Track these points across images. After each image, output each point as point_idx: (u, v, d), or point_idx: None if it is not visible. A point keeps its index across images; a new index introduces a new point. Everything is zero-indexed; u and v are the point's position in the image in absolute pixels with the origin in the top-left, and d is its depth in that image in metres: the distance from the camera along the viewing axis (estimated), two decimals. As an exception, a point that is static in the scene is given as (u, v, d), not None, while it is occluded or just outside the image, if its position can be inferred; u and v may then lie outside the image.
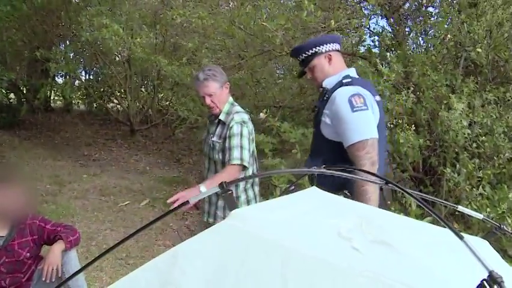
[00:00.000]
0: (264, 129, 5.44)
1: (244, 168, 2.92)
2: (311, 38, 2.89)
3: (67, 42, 11.47)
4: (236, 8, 5.93)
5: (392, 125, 4.72)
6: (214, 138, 3.01)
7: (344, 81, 2.43)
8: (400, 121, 4.64)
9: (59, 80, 11.87)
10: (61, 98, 12.84)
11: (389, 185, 1.34)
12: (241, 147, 2.91)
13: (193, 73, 6.84)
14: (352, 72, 2.56)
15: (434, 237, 1.25)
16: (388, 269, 0.94)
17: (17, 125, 10.68)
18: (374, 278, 0.89)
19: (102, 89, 12.25)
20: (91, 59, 11.46)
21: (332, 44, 2.54)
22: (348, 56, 5.47)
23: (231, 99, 3.11)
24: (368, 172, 1.41)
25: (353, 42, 5.52)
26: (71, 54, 11.02)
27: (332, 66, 2.54)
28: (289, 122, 4.95)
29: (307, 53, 2.55)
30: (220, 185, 1.14)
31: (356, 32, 5.09)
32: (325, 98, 2.44)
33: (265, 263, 0.96)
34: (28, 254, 2.97)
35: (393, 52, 4.89)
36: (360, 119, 2.27)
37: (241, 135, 2.93)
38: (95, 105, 12.79)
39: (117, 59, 10.59)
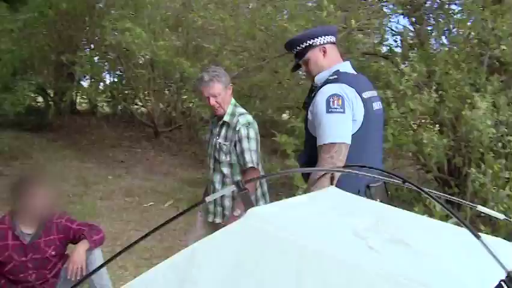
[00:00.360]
0: (287, 130, 5.44)
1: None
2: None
3: (92, 46, 11.64)
4: (256, 10, 5.94)
5: (415, 125, 4.67)
6: (220, 140, 3.06)
7: (330, 77, 2.39)
8: (423, 121, 4.60)
9: (85, 84, 12.06)
10: (86, 101, 13.05)
11: (407, 184, 1.33)
12: (250, 149, 3.00)
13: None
14: (345, 66, 2.49)
15: (453, 237, 1.23)
16: (404, 268, 0.94)
17: (45, 127, 10.91)
18: (389, 277, 0.89)
19: (126, 92, 12.38)
20: (115, 62, 11.60)
21: (327, 36, 2.47)
22: (369, 55, 5.44)
23: (233, 100, 3.16)
24: (388, 172, 1.40)
25: (375, 42, 5.47)
26: (96, 58, 11.17)
27: (326, 60, 2.47)
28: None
29: (301, 45, 2.48)
30: (236, 184, 1.15)
31: (376, 32, 5.06)
32: (312, 95, 2.42)
33: (281, 262, 0.97)
34: (53, 252, 3.04)
35: (416, 51, 4.84)
36: (332, 121, 2.26)
37: (249, 137, 3.02)
38: (119, 108, 12.95)
39: (140, 62, 10.71)
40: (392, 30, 5.46)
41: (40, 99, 11.82)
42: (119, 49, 9.81)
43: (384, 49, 5.73)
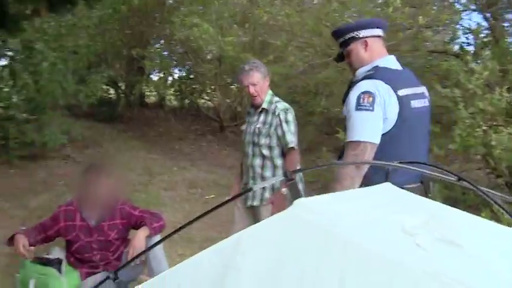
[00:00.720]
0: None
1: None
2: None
3: (161, 41, 11.98)
4: (322, 6, 5.89)
5: (485, 127, 4.45)
6: (259, 125, 3.28)
7: (368, 73, 2.35)
8: (495, 123, 4.37)
9: (154, 77, 12.45)
10: (155, 94, 13.47)
11: (463, 182, 1.28)
12: (290, 132, 3.25)
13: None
14: (387, 61, 2.43)
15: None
16: (451, 268, 0.92)
17: (116, 118, 11.39)
18: (433, 275, 0.87)
19: (194, 86, 12.65)
20: (183, 57, 11.88)
21: (372, 29, 2.41)
22: (439, 54, 5.25)
23: (270, 91, 3.40)
24: (442, 168, 1.36)
25: (445, 39, 5.25)
26: (165, 53, 11.49)
27: (367, 53, 2.41)
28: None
29: (346, 36, 2.43)
30: (284, 174, 1.17)
31: (446, 29, 4.86)
32: (349, 91, 2.38)
33: (324, 254, 0.97)
34: (116, 236, 3.19)
35: (489, 49, 4.61)
36: (360, 119, 2.23)
37: (288, 121, 3.26)
38: (187, 102, 13.25)
39: (208, 57, 10.90)
40: (464, 27, 5.22)
41: (112, 91, 12.35)
42: (188, 44, 10.04)
43: (456, 47, 5.50)
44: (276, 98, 3.38)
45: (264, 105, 3.31)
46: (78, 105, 9.71)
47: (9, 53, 7.28)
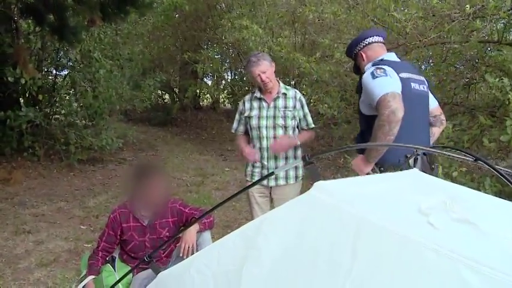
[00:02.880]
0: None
1: None
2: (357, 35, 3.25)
3: (214, 45, 12.21)
4: (369, 2, 5.83)
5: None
6: (283, 109, 3.47)
7: (374, 63, 2.77)
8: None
9: (207, 81, 12.72)
10: (208, 97, 13.73)
11: (479, 162, 1.28)
12: (309, 114, 3.56)
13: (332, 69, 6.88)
14: (389, 56, 2.85)
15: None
16: (464, 247, 0.92)
17: (170, 122, 11.73)
18: (443, 253, 0.88)
19: (246, 88, 12.81)
20: (235, 60, 12.06)
21: (369, 38, 2.90)
22: (492, 44, 5.07)
23: (276, 78, 3.57)
24: (461, 150, 1.35)
25: (497, 28, 5.03)
26: (217, 56, 11.70)
27: (369, 58, 2.87)
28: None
29: (354, 52, 2.97)
30: (303, 158, 1.20)
31: (497, 17, 4.64)
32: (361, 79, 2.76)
33: (340, 233, 1.00)
34: (168, 234, 3.29)
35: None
36: (379, 82, 2.56)
37: (305, 104, 3.58)
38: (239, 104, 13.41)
39: (259, 58, 10.97)
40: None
41: (166, 96, 12.70)
42: (239, 47, 10.19)
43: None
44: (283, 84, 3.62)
45: (283, 90, 3.52)
46: (133, 110, 10.11)
47: (69, 63, 7.66)
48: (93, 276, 3.22)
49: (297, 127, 3.59)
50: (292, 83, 11.48)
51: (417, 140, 2.57)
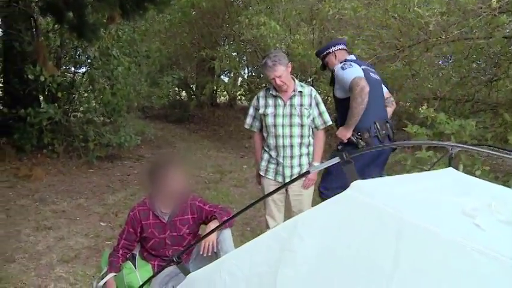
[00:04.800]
0: (421, 121, 5.21)
1: None
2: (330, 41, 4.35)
3: (230, 41, 12.18)
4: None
5: None
6: (298, 107, 3.54)
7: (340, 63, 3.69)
8: None
9: (224, 78, 12.70)
10: (225, 94, 13.72)
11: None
12: (326, 111, 3.64)
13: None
14: (350, 57, 3.79)
15: None
16: (510, 248, 0.87)
17: (187, 119, 11.73)
18: (490, 255, 0.84)
19: (263, 85, 12.75)
20: (252, 57, 12.01)
21: (337, 45, 3.85)
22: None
23: (292, 76, 3.65)
24: (501, 148, 1.31)
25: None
26: (234, 53, 11.67)
27: (337, 60, 3.78)
28: (450, 115, 4.70)
29: (323, 54, 3.87)
30: (341, 156, 1.16)
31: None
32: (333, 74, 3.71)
33: (380, 235, 0.96)
34: (187, 231, 3.28)
35: None
36: (348, 70, 3.48)
37: (321, 102, 3.63)
38: (256, 101, 13.36)
39: (276, 55, 10.90)
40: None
41: (183, 93, 12.70)
42: (256, 43, 10.14)
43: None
44: (301, 83, 3.67)
45: (300, 89, 3.55)
46: (151, 107, 10.13)
47: (88, 61, 7.69)
48: (114, 274, 3.22)
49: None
50: (310, 80, 11.41)
51: (378, 112, 3.62)
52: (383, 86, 3.88)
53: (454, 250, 0.87)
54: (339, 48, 3.86)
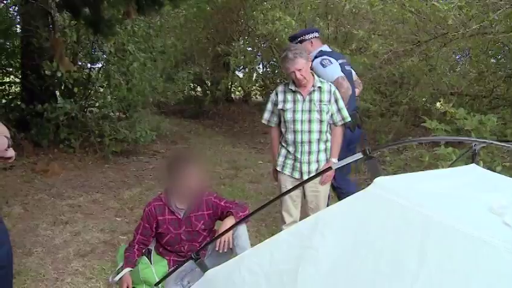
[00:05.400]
0: (439, 117, 5.14)
1: None
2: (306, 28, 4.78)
3: (245, 37, 12.14)
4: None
5: None
6: (318, 103, 3.48)
7: (317, 54, 3.96)
8: None
9: (240, 73, 12.66)
10: (240, 90, 13.70)
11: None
12: (344, 108, 3.59)
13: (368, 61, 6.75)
14: (324, 47, 4.07)
15: None
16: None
17: (202, 114, 11.75)
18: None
19: (278, 80, 12.72)
20: (267, 52, 11.97)
21: (312, 33, 4.08)
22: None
23: (311, 71, 3.62)
24: None
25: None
26: (249, 49, 11.63)
27: (313, 47, 4.03)
28: (468, 111, 4.63)
29: (298, 39, 4.05)
30: (364, 152, 1.14)
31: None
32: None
33: (405, 232, 0.93)
34: (203, 226, 3.28)
35: None
36: (330, 68, 3.81)
37: (339, 98, 3.56)
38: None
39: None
40: None
41: (198, 88, 12.72)
42: (271, 39, 10.10)
43: None
44: (321, 78, 3.60)
45: (319, 84, 3.49)
46: (166, 102, 10.15)
47: (104, 56, 7.72)
48: (130, 269, 3.23)
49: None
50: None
51: (351, 103, 3.85)
52: (352, 72, 4.26)
53: (483, 249, 0.84)
54: (315, 36, 4.07)
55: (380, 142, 7.40)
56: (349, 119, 3.58)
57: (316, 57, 3.94)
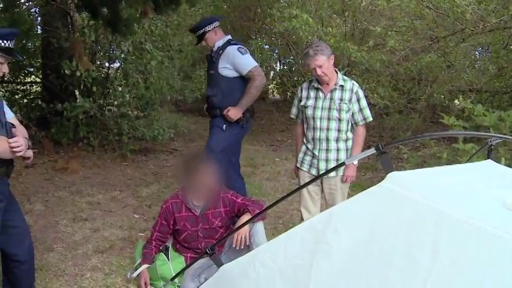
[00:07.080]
0: (457, 113, 5.08)
1: None
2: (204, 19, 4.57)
3: (262, 35, 12.13)
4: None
5: None
6: (337, 101, 3.46)
7: (227, 42, 4.13)
8: None
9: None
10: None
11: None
12: (367, 107, 3.54)
13: (383, 57, 6.70)
14: (229, 37, 4.22)
15: None
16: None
17: (219, 113, 11.73)
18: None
19: (295, 78, 12.68)
20: (285, 50, 11.94)
21: (215, 22, 4.16)
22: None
23: (335, 69, 3.56)
24: None
25: None
26: (266, 46, 11.62)
27: (217, 36, 4.16)
28: (487, 107, 4.57)
29: (200, 31, 4.14)
30: (377, 147, 1.13)
31: None
32: (220, 52, 4.10)
33: (418, 226, 0.93)
34: (220, 223, 3.30)
35: None
36: (247, 57, 4.08)
37: (362, 97, 3.51)
38: (289, 94, 13.34)
39: (309, 47, 10.82)
40: None
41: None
42: (288, 37, 10.08)
43: None
44: (345, 76, 3.58)
45: (341, 82, 3.47)
46: (184, 100, 10.20)
47: (122, 55, 7.80)
48: (147, 265, 3.27)
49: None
50: (342, 73, 11.24)
51: None
52: None
53: (498, 245, 0.84)
54: (218, 25, 4.20)
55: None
56: (371, 118, 3.55)
57: (231, 44, 4.11)
